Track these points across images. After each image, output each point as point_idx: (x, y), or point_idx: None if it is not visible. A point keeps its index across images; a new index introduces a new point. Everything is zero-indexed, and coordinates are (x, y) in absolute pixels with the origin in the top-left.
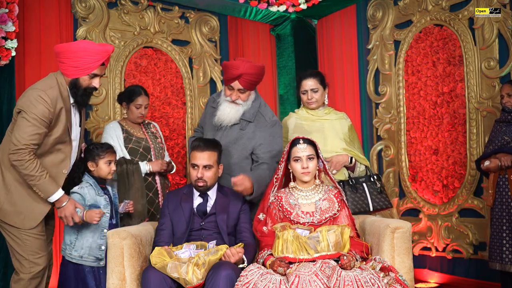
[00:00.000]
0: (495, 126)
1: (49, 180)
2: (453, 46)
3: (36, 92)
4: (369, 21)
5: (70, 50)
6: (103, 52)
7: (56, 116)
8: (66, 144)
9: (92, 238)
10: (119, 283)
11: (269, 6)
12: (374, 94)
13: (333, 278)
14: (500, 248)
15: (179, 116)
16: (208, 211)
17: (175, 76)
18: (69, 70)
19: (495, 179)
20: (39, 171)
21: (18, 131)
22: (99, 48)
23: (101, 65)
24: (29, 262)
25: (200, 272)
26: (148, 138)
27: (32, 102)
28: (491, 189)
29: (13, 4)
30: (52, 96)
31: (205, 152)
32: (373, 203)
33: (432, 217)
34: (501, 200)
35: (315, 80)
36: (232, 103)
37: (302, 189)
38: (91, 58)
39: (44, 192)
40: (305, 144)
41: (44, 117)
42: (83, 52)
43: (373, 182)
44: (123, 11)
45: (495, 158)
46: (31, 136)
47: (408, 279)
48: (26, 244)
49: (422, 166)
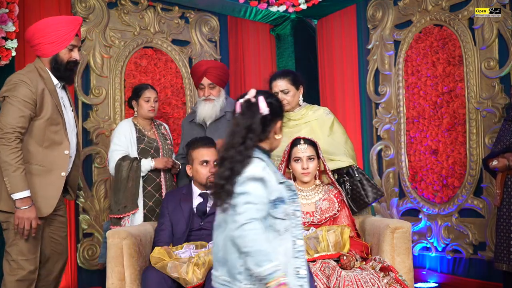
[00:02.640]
0: (503, 125)
1: (23, 177)
2: (453, 46)
3: (15, 76)
4: (369, 21)
5: (41, 28)
6: (73, 21)
7: (40, 97)
8: (60, 126)
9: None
10: (119, 283)
11: (269, 6)
12: (374, 94)
13: (333, 278)
14: (507, 249)
15: (179, 116)
16: (208, 211)
17: (175, 76)
18: (46, 49)
19: (502, 179)
20: (19, 163)
21: (4, 116)
22: (68, 19)
23: (75, 36)
24: (16, 263)
25: (200, 272)
26: (158, 139)
27: (14, 86)
28: (499, 189)
29: (13, 4)
30: (31, 77)
31: (211, 148)
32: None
33: (432, 217)
34: (509, 200)
35: (285, 81)
36: (206, 100)
37: (302, 189)
38: (64, 29)
39: (13, 185)
40: (305, 144)
41: (27, 98)
42: (55, 25)
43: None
44: (123, 11)
45: (503, 157)
46: (16, 119)
47: (408, 279)
48: (15, 243)
49: (422, 166)
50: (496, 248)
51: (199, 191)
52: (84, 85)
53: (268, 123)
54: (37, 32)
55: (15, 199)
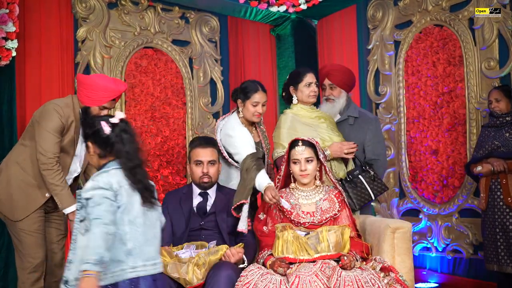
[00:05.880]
0: (482, 131)
1: (69, 193)
2: (453, 46)
3: (52, 105)
4: (369, 21)
5: (87, 83)
6: (115, 90)
7: (66, 127)
8: (68, 155)
9: None
10: None
11: (269, 7)
12: (374, 94)
13: (333, 279)
14: (495, 250)
15: (179, 116)
16: (208, 210)
17: (175, 77)
18: (83, 98)
19: (487, 183)
20: (63, 182)
21: (43, 143)
22: (112, 87)
23: (111, 100)
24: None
25: (201, 272)
26: (262, 141)
27: (49, 114)
28: (483, 193)
29: (13, 5)
30: (65, 111)
31: (207, 148)
32: (373, 191)
33: (432, 217)
34: (493, 203)
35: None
36: (327, 100)
37: (302, 189)
38: (104, 93)
39: (63, 202)
40: (303, 146)
41: (59, 127)
42: (97, 87)
43: (366, 171)
44: (123, 12)
45: (487, 163)
46: (54, 146)
47: (408, 279)
48: (22, 240)
49: (422, 166)
50: (485, 250)
51: (199, 190)
52: None
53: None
54: (83, 83)
55: (67, 213)
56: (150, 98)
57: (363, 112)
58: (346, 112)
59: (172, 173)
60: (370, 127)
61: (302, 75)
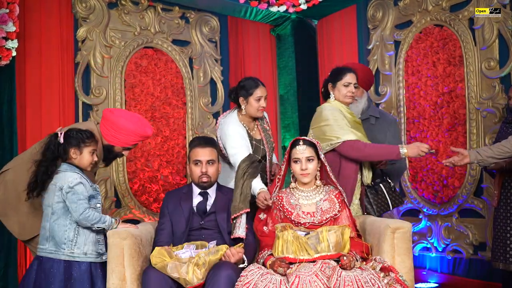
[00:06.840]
0: (501, 127)
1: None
2: (453, 46)
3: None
4: (369, 21)
5: (115, 124)
6: (142, 136)
7: None
8: None
9: (93, 233)
10: (120, 283)
11: (270, 7)
12: (374, 94)
13: (333, 279)
14: (504, 248)
15: (179, 116)
16: (208, 210)
17: (176, 76)
18: (108, 136)
19: (500, 180)
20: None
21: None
22: (139, 132)
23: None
24: None
25: (201, 272)
26: (264, 138)
27: None
28: (496, 190)
29: (13, 4)
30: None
31: (206, 148)
32: (391, 202)
33: (432, 217)
34: (506, 201)
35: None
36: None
37: (303, 190)
38: (130, 137)
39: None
40: (304, 145)
41: None
42: (125, 131)
43: (388, 181)
44: (123, 11)
45: None
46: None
47: (408, 279)
48: None
49: (422, 166)
50: (493, 247)
51: (199, 190)
52: (85, 85)
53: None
54: (111, 124)
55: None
56: (150, 98)
57: (383, 113)
58: (367, 112)
59: (172, 173)
60: (390, 128)
61: (343, 73)
